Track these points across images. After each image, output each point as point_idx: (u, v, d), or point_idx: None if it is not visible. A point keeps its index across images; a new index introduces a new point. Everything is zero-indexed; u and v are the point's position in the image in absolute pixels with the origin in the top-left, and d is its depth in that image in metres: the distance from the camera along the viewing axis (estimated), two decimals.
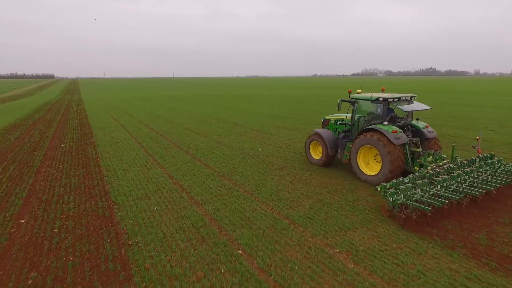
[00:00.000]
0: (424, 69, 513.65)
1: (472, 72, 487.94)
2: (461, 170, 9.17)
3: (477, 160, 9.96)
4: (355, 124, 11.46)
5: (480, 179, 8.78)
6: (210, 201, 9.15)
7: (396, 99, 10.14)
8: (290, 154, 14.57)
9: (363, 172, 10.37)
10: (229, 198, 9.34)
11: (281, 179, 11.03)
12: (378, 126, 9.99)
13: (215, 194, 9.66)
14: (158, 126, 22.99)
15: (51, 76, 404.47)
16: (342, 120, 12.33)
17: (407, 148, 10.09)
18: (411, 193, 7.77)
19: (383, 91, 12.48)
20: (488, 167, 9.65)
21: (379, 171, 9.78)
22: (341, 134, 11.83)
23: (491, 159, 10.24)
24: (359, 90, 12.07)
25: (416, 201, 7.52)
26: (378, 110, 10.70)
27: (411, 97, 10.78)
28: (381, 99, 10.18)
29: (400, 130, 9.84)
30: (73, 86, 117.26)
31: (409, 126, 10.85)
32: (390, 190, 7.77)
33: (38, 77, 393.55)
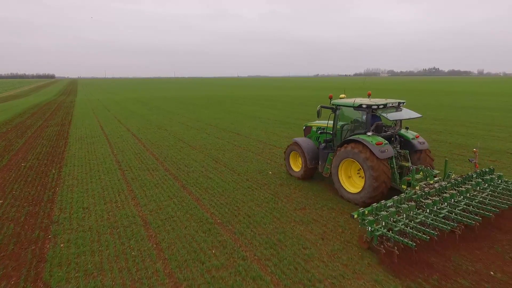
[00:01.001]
0: (427, 69, 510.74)
1: (476, 72, 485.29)
2: (455, 189, 8.07)
3: (474, 176, 8.82)
4: (337, 133, 10.22)
5: (476, 200, 7.67)
6: (198, 283, 5.72)
7: (381, 106, 8.93)
8: (311, 183, 11.06)
9: (345, 189, 9.19)
10: (229, 278, 5.88)
11: (306, 230, 7.59)
12: (361, 137, 8.78)
13: (207, 267, 6.19)
14: (147, 137, 19.57)
15: (52, 76, 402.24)
16: (324, 128, 11.01)
17: (394, 162, 8.92)
18: (394, 220, 6.67)
19: (369, 96, 11.09)
20: (487, 185, 8.54)
21: (362, 188, 8.60)
22: (322, 144, 10.59)
23: (490, 174, 9.14)
24: (342, 95, 10.73)
25: (399, 232, 6.38)
26: (363, 118, 9.39)
27: (399, 103, 9.50)
28: (364, 106, 8.97)
29: (386, 141, 8.66)
30: (71, 87, 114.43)
31: (397, 136, 9.66)
32: (369, 217, 6.58)
33: (38, 77, 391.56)
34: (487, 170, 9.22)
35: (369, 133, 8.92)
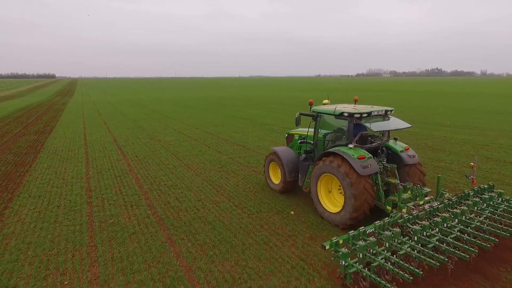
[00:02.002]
0: (429, 69, 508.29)
1: (479, 73, 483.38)
2: (448, 211, 7.02)
3: (471, 194, 7.85)
4: (319, 143, 9.26)
5: (473, 225, 6.52)
6: None
7: (364, 115, 7.91)
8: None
9: (324, 208, 8.22)
10: None
11: None
12: (342, 150, 7.83)
13: None
14: (135, 150, 16.32)
15: (52, 76, 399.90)
16: (304, 137, 10.01)
17: (379, 178, 7.84)
18: (373, 253, 5.58)
19: (355, 101, 9.82)
20: (485, 204, 7.49)
21: (342, 207, 7.62)
22: (302, 156, 9.61)
23: (489, 191, 8.21)
24: (326, 101, 9.74)
25: (377, 270, 5.32)
26: (345, 127, 8.40)
27: (386, 111, 8.41)
28: (345, 114, 8.02)
29: (370, 155, 7.71)
30: (69, 87, 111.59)
31: (384, 148, 8.71)
32: (343, 249, 5.56)
33: (39, 76, 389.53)
34: (486, 186, 8.22)
35: (351, 145, 7.90)
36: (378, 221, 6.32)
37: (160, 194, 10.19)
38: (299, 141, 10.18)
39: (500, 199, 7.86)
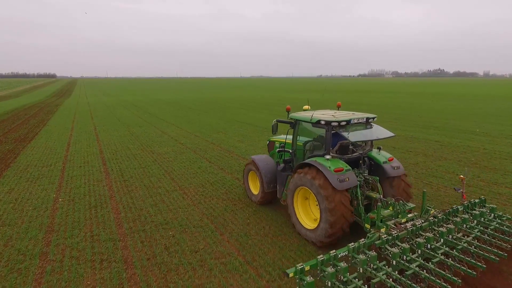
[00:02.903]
0: (432, 70, 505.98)
1: (482, 74, 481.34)
2: (434, 230, 6.34)
3: (459, 210, 7.04)
4: (297, 152, 8.43)
5: (460, 246, 5.92)
6: None
7: (343, 123, 7.18)
8: None
9: (301, 224, 7.43)
10: None
11: None
12: (318, 160, 7.13)
13: None
14: (121, 166, 13.66)
15: (53, 76, 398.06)
16: (283, 145, 9.24)
17: (359, 192, 7.11)
18: (343, 281, 5.11)
19: (338, 107, 8.98)
20: (475, 221, 6.76)
21: (318, 224, 6.88)
22: (281, 165, 8.77)
23: (481, 206, 7.39)
24: (306, 107, 8.81)
25: None
26: (323, 136, 7.51)
27: (368, 119, 7.57)
28: (322, 122, 7.25)
29: (348, 167, 7.04)
30: (68, 87, 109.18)
31: (366, 159, 7.87)
32: (308, 278, 4.98)
33: (39, 76, 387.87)
34: (476, 201, 7.51)
35: (328, 156, 7.23)
36: (353, 243, 5.70)
37: (143, 240, 7.50)
38: (278, 149, 9.55)
39: (492, 215, 7.21)
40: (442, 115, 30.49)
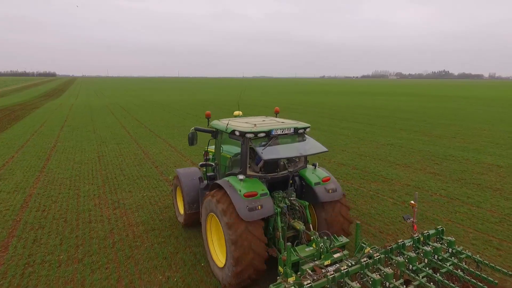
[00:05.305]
0: (436, 71, 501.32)
1: (487, 76, 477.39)
2: (365, 275, 4.73)
3: (406, 245, 5.41)
4: (221, 167, 7.08)
5: None
6: None
7: (262, 134, 5.87)
8: None
9: (214, 261, 6.10)
10: None
11: None
12: (231, 181, 5.89)
13: None
14: (37, 238, 7.22)
15: (53, 74, 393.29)
16: (209, 158, 8.11)
17: (279, 222, 5.82)
18: None
19: (276, 113, 7.88)
20: (427, 260, 5.32)
21: (225, 260, 5.65)
22: (204, 182, 7.46)
23: (438, 238, 5.81)
24: (236, 112, 7.99)
25: None
26: (242, 149, 6.17)
27: (296, 129, 6.26)
28: (237, 133, 5.99)
29: (266, 191, 5.74)
30: (63, 87, 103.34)
31: (297, 178, 6.57)
32: None
33: (39, 75, 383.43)
34: (431, 232, 5.74)
35: (241, 176, 5.86)
36: None
37: None
38: (200, 163, 7.65)
39: (449, 250, 5.49)
40: (490, 126, 23.95)
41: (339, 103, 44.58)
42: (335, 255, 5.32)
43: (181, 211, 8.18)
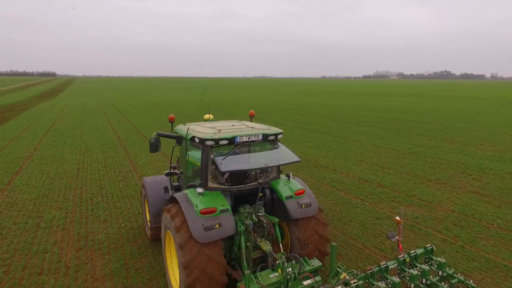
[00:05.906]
0: (438, 72, 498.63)
1: (489, 76, 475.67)
2: None
3: (389, 268, 4.79)
4: (186, 177, 6.29)
5: None
6: None
7: (224, 141, 5.20)
8: None
9: (171, 283, 5.45)
10: None
11: None
12: (189, 194, 5.21)
13: None
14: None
15: (53, 74, 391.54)
16: (175, 165, 7.61)
17: (243, 241, 5.14)
18: None
19: (251, 117, 7.07)
20: (412, 284, 4.72)
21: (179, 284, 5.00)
22: (169, 193, 6.63)
23: (426, 260, 5.18)
24: (207, 116, 7.30)
25: None
26: (202, 158, 5.42)
27: (266, 136, 5.53)
28: (196, 140, 5.34)
29: (227, 206, 5.07)
30: (60, 87, 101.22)
31: (267, 190, 5.80)
32: None
33: (39, 74, 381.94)
34: (419, 252, 5.13)
35: (200, 190, 5.12)
36: None
37: None
38: (166, 172, 7.01)
39: (438, 273, 4.89)
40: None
41: (345, 104, 42.43)
42: (305, 282, 4.61)
43: (149, 223, 7.19)
